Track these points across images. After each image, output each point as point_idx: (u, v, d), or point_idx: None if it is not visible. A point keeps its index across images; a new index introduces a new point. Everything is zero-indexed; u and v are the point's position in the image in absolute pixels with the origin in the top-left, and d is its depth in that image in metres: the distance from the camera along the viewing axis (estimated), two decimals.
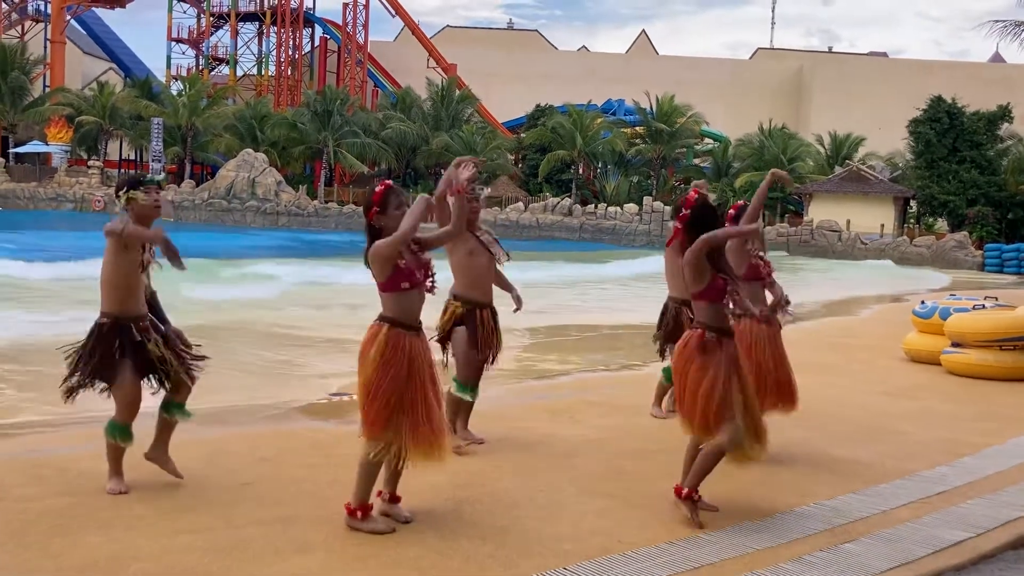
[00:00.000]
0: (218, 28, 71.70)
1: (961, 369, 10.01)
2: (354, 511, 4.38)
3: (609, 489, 5.28)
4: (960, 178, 47.25)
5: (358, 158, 54.93)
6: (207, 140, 55.91)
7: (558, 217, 50.48)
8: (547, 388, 8.67)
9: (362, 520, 4.37)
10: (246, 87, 67.35)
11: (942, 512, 5.10)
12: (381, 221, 4.34)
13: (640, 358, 11.41)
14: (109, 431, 4.82)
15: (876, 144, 56.67)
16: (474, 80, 66.05)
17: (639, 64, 78.08)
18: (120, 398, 4.78)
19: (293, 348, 11.39)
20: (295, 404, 7.70)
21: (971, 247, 43.89)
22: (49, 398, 7.69)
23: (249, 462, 5.52)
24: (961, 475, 5.93)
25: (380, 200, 4.35)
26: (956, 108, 48.50)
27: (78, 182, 53.32)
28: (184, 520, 4.46)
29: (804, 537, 4.60)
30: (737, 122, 65.47)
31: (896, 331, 12.18)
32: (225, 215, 50.30)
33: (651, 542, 4.44)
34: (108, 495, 4.75)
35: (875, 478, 5.74)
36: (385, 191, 4.38)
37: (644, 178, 58.44)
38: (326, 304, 15.97)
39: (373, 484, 4.44)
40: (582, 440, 6.45)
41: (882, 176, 51.04)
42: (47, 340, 8.81)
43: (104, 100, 55.27)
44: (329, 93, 56.41)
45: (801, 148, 55.03)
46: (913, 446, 6.73)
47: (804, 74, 78.43)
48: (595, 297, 20.54)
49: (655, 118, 56.84)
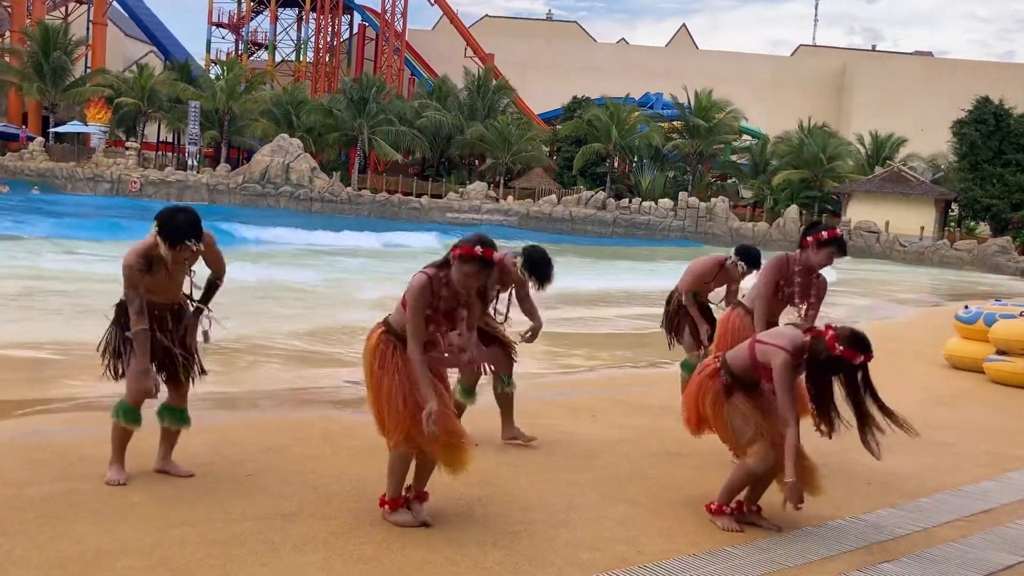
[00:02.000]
0: (258, 13, 72.08)
1: (1006, 378, 9.58)
2: (383, 502, 4.32)
3: (631, 494, 4.99)
4: (1005, 181, 46.23)
5: (392, 146, 54.89)
6: (243, 124, 56.17)
7: (591, 211, 50.07)
8: (569, 384, 8.37)
9: (389, 512, 4.29)
10: (284, 73, 67.65)
11: (988, 532, 4.75)
12: (454, 263, 4.09)
13: (670, 356, 11.09)
14: (115, 410, 4.63)
15: (918, 145, 55.65)
16: (511, 71, 65.78)
17: (678, 58, 77.34)
18: (130, 378, 4.58)
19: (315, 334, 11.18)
20: (308, 390, 7.48)
21: (1014, 252, 42.92)
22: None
23: (255, 452, 5.29)
24: (1007, 492, 5.57)
25: (464, 255, 4.05)
26: (1003, 110, 47.46)
27: (115, 163, 53.79)
28: (180, 512, 4.24)
29: (839, 554, 4.28)
30: (776, 119, 64.63)
31: (937, 337, 11.74)
32: (259, 199, 50.49)
33: (674, 554, 4.15)
34: (105, 484, 4.54)
35: (915, 492, 5.40)
36: (474, 257, 4.04)
37: (680, 173, 57.83)
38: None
39: (403, 479, 4.30)
40: (604, 440, 6.16)
41: (923, 178, 50.08)
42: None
43: (143, 82, 55.71)
44: (365, 80, 56.42)
45: (841, 147, 54.16)
46: (955, 458, 6.37)
47: (846, 72, 77.22)
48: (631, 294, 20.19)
49: (693, 113, 56.23)
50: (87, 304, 11.67)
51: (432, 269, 4.15)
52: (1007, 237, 44.37)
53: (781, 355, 4.33)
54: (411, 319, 4.08)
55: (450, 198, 52.32)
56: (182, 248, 4.35)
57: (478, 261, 4.05)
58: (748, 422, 4.47)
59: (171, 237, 4.33)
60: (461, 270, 4.07)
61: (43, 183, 50.18)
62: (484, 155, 57.18)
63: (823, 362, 4.30)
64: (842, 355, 4.27)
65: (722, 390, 4.53)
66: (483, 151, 56.72)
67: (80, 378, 7.63)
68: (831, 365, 4.30)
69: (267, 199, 50.68)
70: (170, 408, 4.74)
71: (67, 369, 8.03)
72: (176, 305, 4.69)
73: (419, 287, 4.08)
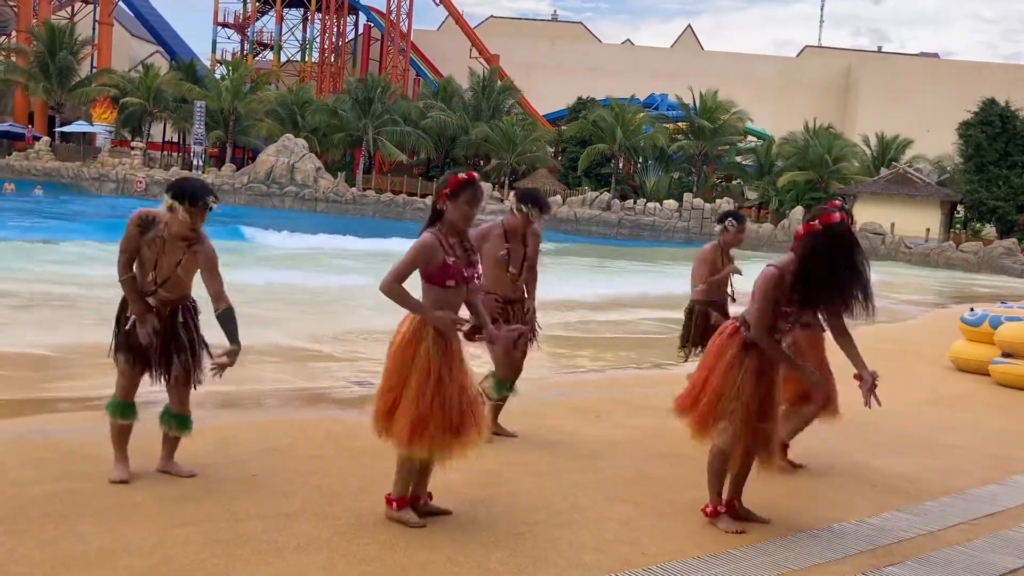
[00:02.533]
0: (263, 13, 72.10)
1: (1011, 381, 9.55)
2: (390, 501, 4.30)
3: (635, 495, 4.98)
4: (1011, 183, 46.11)
5: (397, 146, 54.88)
6: (249, 124, 56.21)
7: (596, 212, 50.03)
8: (573, 385, 8.36)
9: (396, 510, 4.27)
10: (289, 73, 67.67)
11: (993, 536, 4.73)
12: (446, 206, 4.16)
13: (674, 357, 11.07)
14: (107, 407, 4.63)
15: (924, 146, 55.49)
16: (516, 71, 65.74)
17: (684, 59, 77.25)
18: (118, 371, 4.59)
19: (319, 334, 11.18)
20: (313, 391, 7.48)
21: (1020, 254, 42.79)
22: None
23: (259, 452, 5.29)
24: (1013, 495, 5.54)
25: (455, 187, 4.16)
26: (1009, 111, 47.31)
27: (121, 163, 53.89)
28: (184, 511, 4.24)
29: (844, 557, 4.26)
30: (782, 120, 64.48)
31: (942, 339, 11.71)
32: (264, 199, 50.52)
33: (677, 556, 4.13)
34: (109, 483, 4.54)
35: (920, 494, 5.38)
36: (465, 182, 4.16)
37: (685, 174, 57.74)
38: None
39: (411, 477, 4.29)
40: (608, 441, 6.15)
41: (929, 179, 49.95)
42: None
43: (149, 82, 55.78)
44: (371, 81, 56.43)
45: (846, 148, 54.02)
46: (960, 461, 6.35)
47: (852, 73, 77.06)
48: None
49: (698, 114, 56.12)
50: (88, 305, 11.69)
51: (430, 229, 4.16)
52: (1013, 239, 44.23)
53: (770, 270, 4.30)
54: (403, 265, 4.12)
55: None
56: (201, 208, 4.38)
57: (468, 185, 4.14)
58: (739, 395, 4.35)
59: (192, 197, 4.38)
60: (459, 203, 4.14)
61: (47, 183, 50.20)
62: (489, 156, 57.14)
63: (819, 246, 4.17)
64: (824, 224, 4.18)
65: (742, 347, 4.38)
66: (488, 152, 56.69)
67: (83, 377, 7.64)
68: (827, 242, 4.17)
69: (272, 199, 50.72)
70: (171, 413, 4.70)
71: (69, 368, 8.03)
72: (177, 304, 4.61)
73: (422, 244, 4.11)
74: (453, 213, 4.16)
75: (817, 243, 4.19)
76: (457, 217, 4.16)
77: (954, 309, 17.52)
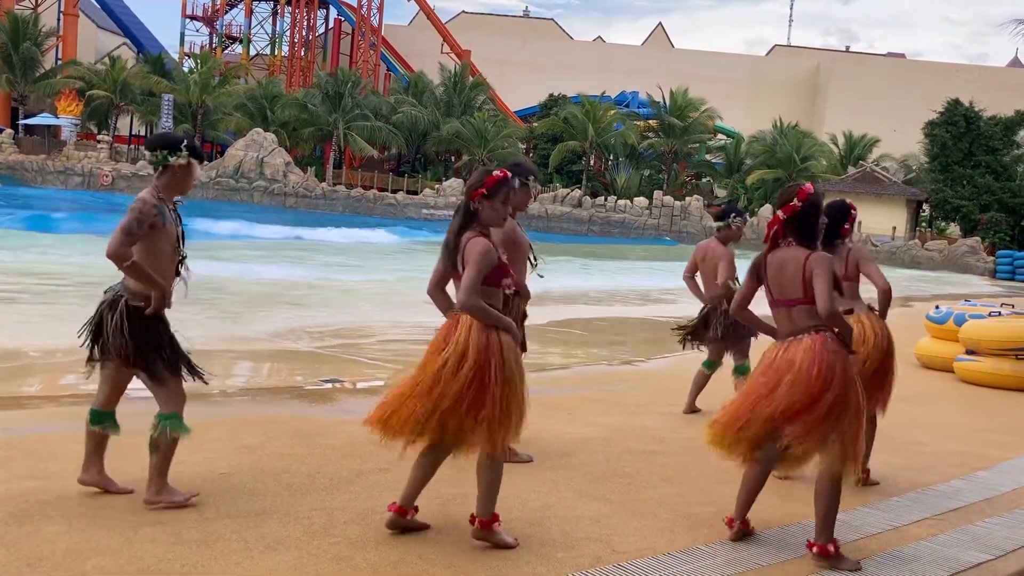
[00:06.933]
0: (232, 6, 71.42)
1: (975, 377, 9.70)
2: (473, 520, 4.12)
3: (606, 492, 5.00)
4: (974, 183, 46.80)
5: (368, 142, 54.63)
6: (217, 119, 55.65)
7: (567, 208, 50.13)
8: (544, 382, 8.35)
9: (496, 531, 4.11)
10: (258, 67, 67.10)
11: (958, 531, 4.80)
12: (480, 205, 3.99)
13: (643, 354, 11.12)
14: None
15: (891, 146, 56.20)
16: (488, 67, 65.69)
17: (655, 57, 77.57)
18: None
19: (293, 332, 11.12)
20: (283, 388, 7.42)
21: (983, 253, 43.47)
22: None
23: (229, 450, 5.24)
24: (977, 491, 5.63)
25: (492, 186, 3.99)
26: (973, 112, 48.02)
27: (87, 156, 53.14)
28: (151, 511, 4.19)
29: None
30: (751, 119, 64.98)
31: (908, 336, 11.84)
32: (232, 194, 50.10)
33: (648, 552, 4.15)
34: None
35: (887, 491, 5.44)
36: (502, 180, 4.01)
37: (655, 172, 58.04)
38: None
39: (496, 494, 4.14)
40: (579, 439, 6.16)
41: (896, 178, 50.59)
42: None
43: (116, 75, 55.04)
44: (341, 75, 56.10)
45: (815, 147, 54.58)
46: (926, 457, 6.44)
47: (821, 73, 77.80)
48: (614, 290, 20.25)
49: (668, 112, 56.41)
50: (58, 299, 11.53)
51: (475, 230, 3.98)
52: (976, 238, 44.91)
53: (822, 253, 4.17)
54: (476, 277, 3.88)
55: (426, 194, 52.19)
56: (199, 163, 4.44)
57: (504, 183, 4.02)
58: (860, 414, 4.07)
59: (198, 152, 4.44)
60: (495, 202, 3.98)
61: (9, 176, 49.38)
62: (460, 151, 57.05)
63: (808, 215, 4.19)
64: (803, 198, 4.19)
65: (844, 352, 4.09)
66: (459, 147, 56.60)
67: (51, 374, 7.53)
68: (812, 210, 4.19)
69: (240, 194, 50.29)
70: (98, 410, 4.42)
71: (37, 365, 7.92)
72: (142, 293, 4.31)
73: (487, 250, 3.91)
74: (489, 212, 4.00)
75: (807, 214, 4.20)
76: (493, 217, 4.01)
77: (920, 307, 17.75)
